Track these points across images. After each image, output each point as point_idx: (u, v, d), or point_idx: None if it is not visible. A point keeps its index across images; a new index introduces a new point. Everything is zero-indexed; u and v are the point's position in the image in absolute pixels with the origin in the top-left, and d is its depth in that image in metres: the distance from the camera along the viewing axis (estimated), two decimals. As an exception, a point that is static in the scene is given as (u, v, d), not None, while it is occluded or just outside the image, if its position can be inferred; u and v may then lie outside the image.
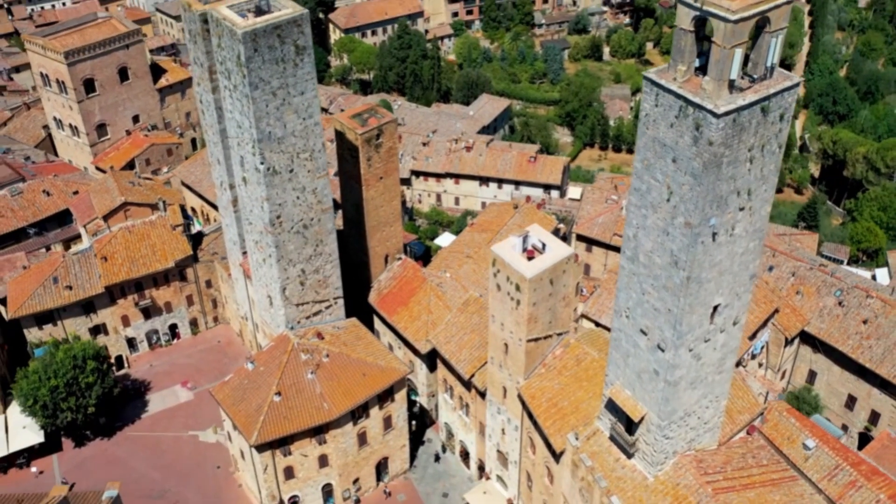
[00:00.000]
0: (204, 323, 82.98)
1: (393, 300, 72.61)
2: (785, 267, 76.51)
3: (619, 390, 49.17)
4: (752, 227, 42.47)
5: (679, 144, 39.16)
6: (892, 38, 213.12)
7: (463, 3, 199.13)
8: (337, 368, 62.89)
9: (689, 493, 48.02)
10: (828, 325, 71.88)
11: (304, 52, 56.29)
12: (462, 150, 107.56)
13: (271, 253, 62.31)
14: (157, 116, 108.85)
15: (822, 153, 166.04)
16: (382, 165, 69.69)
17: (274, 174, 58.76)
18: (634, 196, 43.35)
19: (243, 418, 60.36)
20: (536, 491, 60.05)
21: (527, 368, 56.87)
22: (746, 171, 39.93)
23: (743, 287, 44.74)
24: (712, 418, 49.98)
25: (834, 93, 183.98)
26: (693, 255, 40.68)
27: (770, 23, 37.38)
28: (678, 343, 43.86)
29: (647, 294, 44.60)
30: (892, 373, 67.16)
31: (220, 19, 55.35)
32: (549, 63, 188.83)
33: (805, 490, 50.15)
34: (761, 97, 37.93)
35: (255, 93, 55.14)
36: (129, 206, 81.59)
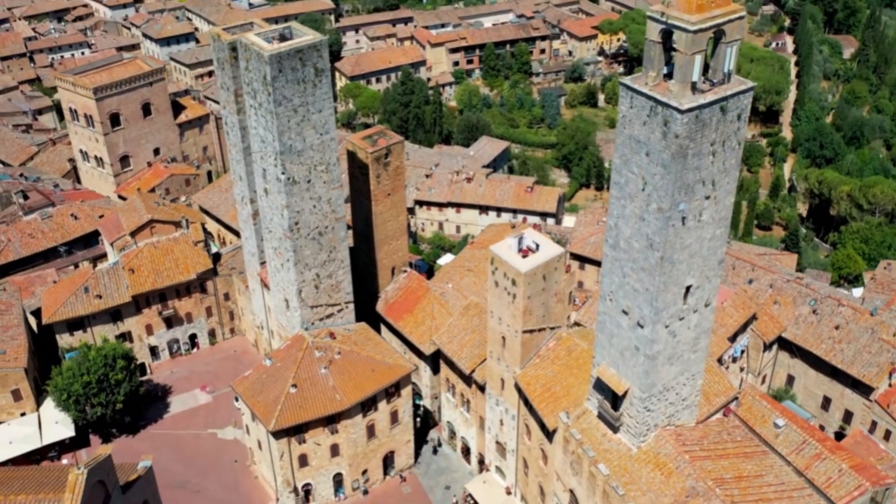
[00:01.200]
0: (221, 334, 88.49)
1: (399, 308, 78.31)
2: (763, 280, 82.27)
3: (604, 369, 54.61)
4: (717, 216, 48.51)
5: (651, 140, 45.45)
6: (876, 87, 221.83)
7: (463, 52, 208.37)
8: (348, 364, 68.32)
9: (668, 461, 53.12)
10: (803, 331, 77.38)
11: (322, 73, 63.12)
12: (463, 182, 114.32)
13: (289, 257, 68.24)
14: (176, 149, 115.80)
15: (809, 193, 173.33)
16: (390, 183, 76.09)
17: (293, 184, 65.06)
18: (615, 189, 49.53)
19: (262, 408, 65.57)
20: (532, 475, 64.92)
21: (523, 359, 62.30)
22: (710, 164, 46.12)
23: (712, 271, 50.59)
24: (689, 395, 55.31)
25: (821, 137, 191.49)
26: (665, 236, 46.63)
27: (725, 34, 44.01)
28: (655, 319, 49.51)
29: (627, 277, 50.43)
30: (862, 372, 72.44)
31: (248, 45, 62.29)
32: (547, 109, 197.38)
33: (775, 462, 55.12)
34: (720, 97, 44.32)
35: (279, 109, 61.76)
36: (154, 223, 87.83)
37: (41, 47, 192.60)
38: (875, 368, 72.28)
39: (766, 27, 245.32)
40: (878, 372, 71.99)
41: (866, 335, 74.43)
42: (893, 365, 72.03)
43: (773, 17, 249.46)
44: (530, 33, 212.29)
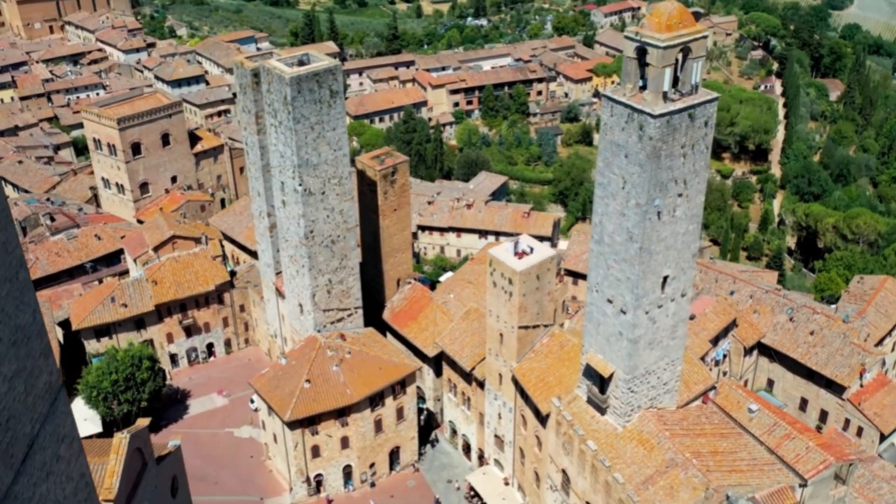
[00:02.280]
0: (236, 343, 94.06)
1: (404, 316, 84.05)
2: (744, 291, 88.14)
3: (592, 355, 60.22)
4: (689, 212, 54.73)
5: (629, 143, 51.86)
6: (862, 128, 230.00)
7: (463, 94, 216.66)
8: (357, 363, 73.87)
9: (650, 438, 58.46)
10: (781, 336, 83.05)
11: (336, 95, 69.90)
12: (463, 208, 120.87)
13: (304, 263, 74.26)
14: (192, 178, 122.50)
15: (797, 226, 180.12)
16: (396, 199, 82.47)
17: (309, 195, 71.38)
18: (599, 189, 55.80)
19: (278, 401, 70.94)
20: (528, 462, 70.02)
21: (519, 353, 67.91)
22: (681, 164, 52.47)
23: (687, 263, 56.61)
24: (670, 380, 60.85)
25: (809, 175, 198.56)
26: (643, 229, 52.76)
27: (692, 51, 50.75)
28: (636, 305, 55.37)
29: (611, 268, 56.41)
30: (835, 373, 77.99)
31: (270, 69, 69.19)
32: (544, 147, 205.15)
33: (749, 441, 60.39)
34: (688, 105, 50.89)
35: (297, 126, 68.37)
36: (176, 239, 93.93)
37: (58, 88, 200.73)
38: (847, 369, 77.85)
39: (755, 71, 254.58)
40: (850, 372, 77.55)
41: (839, 340, 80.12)
42: (863, 366, 77.67)
43: (762, 61, 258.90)
44: (528, 76, 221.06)
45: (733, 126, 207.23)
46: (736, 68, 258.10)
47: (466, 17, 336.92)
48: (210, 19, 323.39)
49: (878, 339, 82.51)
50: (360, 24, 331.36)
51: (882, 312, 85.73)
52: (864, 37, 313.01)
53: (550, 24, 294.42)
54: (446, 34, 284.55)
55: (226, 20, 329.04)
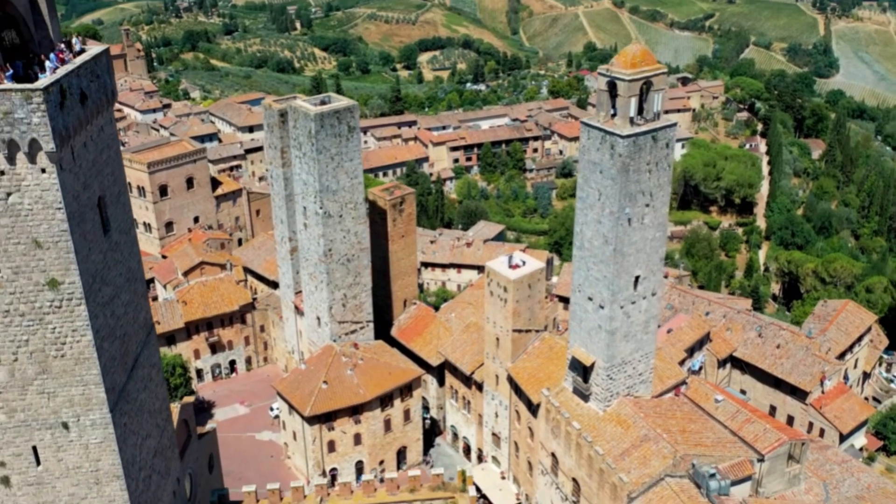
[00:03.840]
0: (256, 361, 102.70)
1: (410, 332, 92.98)
2: (718, 312, 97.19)
3: (576, 348, 69.17)
4: (656, 221, 64.49)
5: (603, 161, 61.93)
6: (843, 184, 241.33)
7: (463, 151, 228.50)
8: (369, 368, 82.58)
9: (627, 419, 67.00)
10: (751, 350, 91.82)
11: (353, 131, 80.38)
12: (463, 246, 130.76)
13: (323, 279, 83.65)
14: (212, 218, 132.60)
15: (780, 272, 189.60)
16: (404, 226, 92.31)
17: (328, 217, 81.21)
18: (579, 202, 65.68)
19: (299, 399, 79.44)
20: (522, 454, 78.15)
21: (513, 354, 76.79)
22: (647, 179, 62.44)
23: (656, 266, 66.10)
24: (644, 371, 69.65)
25: (792, 226, 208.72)
26: (616, 233, 62.41)
27: (653, 84, 61.26)
28: (612, 300, 64.64)
29: (590, 270, 65.85)
30: (799, 380, 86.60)
31: (297, 108, 79.87)
32: (540, 200, 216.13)
33: (714, 425, 68.83)
34: (651, 129, 61.14)
35: (320, 156, 78.61)
36: (204, 265, 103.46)
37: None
38: (809, 377, 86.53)
39: (741, 131, 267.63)
40: (811, 379, 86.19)
41: (802, 352, 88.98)
42: (824, 374, 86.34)
43: (747, 122, 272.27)
44: (524, 134, 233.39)
45: (719, 181, 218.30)
46: (723, 128, 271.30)
47: (465, 82, 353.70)
48: (221, 83, 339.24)
49: (838, 353, 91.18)
50: (363, 88, 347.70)
51: (843, 331, 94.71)
52: (848, 102, 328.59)
53: (546, 89, 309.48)
54: (446, 97, 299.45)
55: (236, 84, 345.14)
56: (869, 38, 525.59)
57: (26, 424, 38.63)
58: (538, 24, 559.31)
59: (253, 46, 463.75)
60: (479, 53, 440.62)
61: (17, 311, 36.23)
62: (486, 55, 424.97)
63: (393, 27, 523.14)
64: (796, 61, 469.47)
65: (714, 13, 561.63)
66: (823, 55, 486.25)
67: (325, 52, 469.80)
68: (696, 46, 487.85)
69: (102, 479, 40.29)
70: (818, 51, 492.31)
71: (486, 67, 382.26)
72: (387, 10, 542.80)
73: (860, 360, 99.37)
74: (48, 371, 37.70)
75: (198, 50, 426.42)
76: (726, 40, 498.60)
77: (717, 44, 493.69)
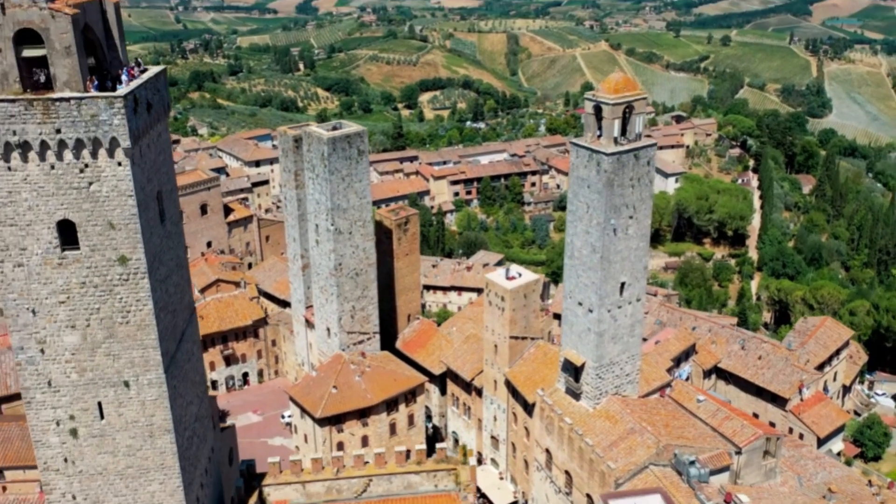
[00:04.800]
0: (268, 374, 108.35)
1: (414, 344, 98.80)
2: (704, 327, 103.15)
3: (568, 350, 75.06)
4: (639, 232, 70.86)
5: (590, 176, 68.51)
6: (833, 217, 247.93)
7: (463, 185, 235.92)
8: (376, 374, 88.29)
9: (615, 415, 72.64)
10: (734, 361, 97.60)
11: (362, 154, 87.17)
12: (463, 270, 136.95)
13: (333, 292, 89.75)
14: (224, 243, 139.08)
15: (771, 300, 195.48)
16: (408, 245, 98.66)
17: (339, 234, 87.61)
18: (569, 215, 72.15)
19: (310, 403, 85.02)
20: (518, 454, 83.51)
21: (510, 360, 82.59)
22: (630, 193, 68.94)
23: (639, 273, 72.29)
24: (631, 372, 75.45)
25: (783, 258, 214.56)
26: (603, 242, 68.75)
27: (634, 108, 68.09)
28: (600, 304, 70.72)
29: (580, 277, 72.06)
30: (778, 388, 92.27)
31: (311, 133, 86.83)
32: (537, 232, 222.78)
33: (696, 422, 74.42)
34: (633, 148, 67.82)
35: (332, 177, 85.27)
36: (220, 282, 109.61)
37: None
38: (788, 385, 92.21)
39: (733, 167, 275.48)
40: (790, 387, 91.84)
41: (782, 362, 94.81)
42: (802, 382, 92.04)
43: (739, 158, 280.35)
44: (522, 169, 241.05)
45: (712, 213, 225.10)
46: (715, 164, 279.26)
47: (465, 121, 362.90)
48: (228, 121, 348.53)
49: (816, 364, 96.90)
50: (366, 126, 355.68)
51: (821, 344, 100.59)
52: (840, 140, 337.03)
53: (544, 126, 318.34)
54: (447, 134, 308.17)
55: (241, 122, 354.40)
56: (861, 79, 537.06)
57: (94, 382, 44.59)
58: (536, 66, 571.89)
59: (257, 86, 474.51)
60: (478, 93, 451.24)
61: (92, 282, 42.45)
62: (486, 95, 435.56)
63: (394, 68, 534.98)
64: (790, 101, 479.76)
65: (709, 55, 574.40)
66: (816, 96, 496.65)
67: (327, 91, 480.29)
68: (692, 87, 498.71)
69: (155, 433, 46.07)
70: (811, 91, 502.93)
71: (486, 106, 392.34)
72: (388, 51, 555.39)
73: (839, 374, 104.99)
74: (114, 336, 43.76)
75: (204, 89, 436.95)
76: (721, 81, 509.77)
77: (712, 84, 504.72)
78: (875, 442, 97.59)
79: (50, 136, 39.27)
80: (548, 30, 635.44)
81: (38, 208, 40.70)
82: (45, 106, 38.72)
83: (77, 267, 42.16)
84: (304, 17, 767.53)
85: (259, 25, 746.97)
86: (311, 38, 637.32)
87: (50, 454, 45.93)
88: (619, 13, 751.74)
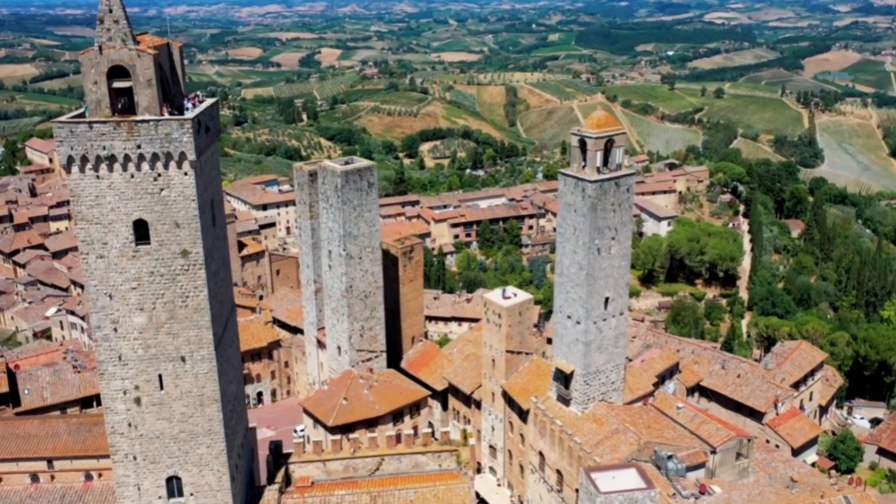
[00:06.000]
0: (280, 394, 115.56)
1: (418, 364, 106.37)
2: (688, 349, 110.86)
3: (559, 360, 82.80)
4: (621, 252, 79.26)
5: (576, 202, 77.15)
6: (821, 260, 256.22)
7: (463, 227, 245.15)
8: (383, 388, 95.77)
9: (601, 417, 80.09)
10: (715, 380, 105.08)
11: (372, 186, 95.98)
12: (463, 302, 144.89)
13: (344, 312, 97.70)
14: (238, 276, 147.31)
15: (760, 337, 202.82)
16: (412, 271, 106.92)
17: (350, 258, 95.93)
18: (559, 237, 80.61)
19: (323, 412, 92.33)
20: (515, 460, 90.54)
21: (507, 373, 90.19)
22: (612, 216, 77.50)
23: (622, 289, 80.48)
24: (616, 380, 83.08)
25: (773, 298, 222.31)
26: (588, 260, 77.07)
27: (614, 142, 77.05)
28: (587, 317, 78.73)
29: (569, 292, 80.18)
30: (755, 403, 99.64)
31: (325, 167, 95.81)
32: (535, 272, 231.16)
33: (676, 426, 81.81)
34: (614, 176, 76.58)
35: (344, 207, 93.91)
36: (236, 307, 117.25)
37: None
38: (764, 400, 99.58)
39: (724, 211, 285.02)
40: (766, 402, 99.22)
41: (759, 380, 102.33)
42: (777, 397, 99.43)
43: (730, 203, 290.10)
44: (520, 212, 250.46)
45: (703, 255, 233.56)
46: (707, 209, 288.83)
47: (465, 168, 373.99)
48: (234, 167, 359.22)
49: (791, 383, 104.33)
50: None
51: (796, 365, 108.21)
52: (830, 188, 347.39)
53: (541, 174, 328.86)
54: (447, 180, 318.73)
55: (248, 169, 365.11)
56: (852, 130, 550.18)
57: (156, 357, 52.51)
58: (534, 117, 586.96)
59: (262, 136, 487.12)
60: (477, 143, 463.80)
61: (159, 272, 50.75)
62: (485, 144, 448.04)
63: (395, 119, 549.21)
64: (783, 152, 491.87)
65: (703, 107, 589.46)
66: (808, 146, 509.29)
67: (330, 141, 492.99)
68: (687, 138, 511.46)
69: (205, 402, 53.72)
70: (803, 142, 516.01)
71: (485, 155, 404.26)
72: (389, 103, 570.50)
73: (815, 394, 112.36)
74: (175, 317, 51.82)
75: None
76: (715, 132, 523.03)
77: (706, 135, 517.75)
78: (848, 456, 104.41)
79: (132, 150, 48.17)
80: (545, 82, 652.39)
81: (119, 210, 49.42)
82: (129, 126, 47.68)
83: (147, 259, 50.58)
84: (308, 71, 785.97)
85: (263, 78, 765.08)
86: (314, 90, 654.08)
87: (117, 419, 53.70)
88: (616, 67, 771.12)
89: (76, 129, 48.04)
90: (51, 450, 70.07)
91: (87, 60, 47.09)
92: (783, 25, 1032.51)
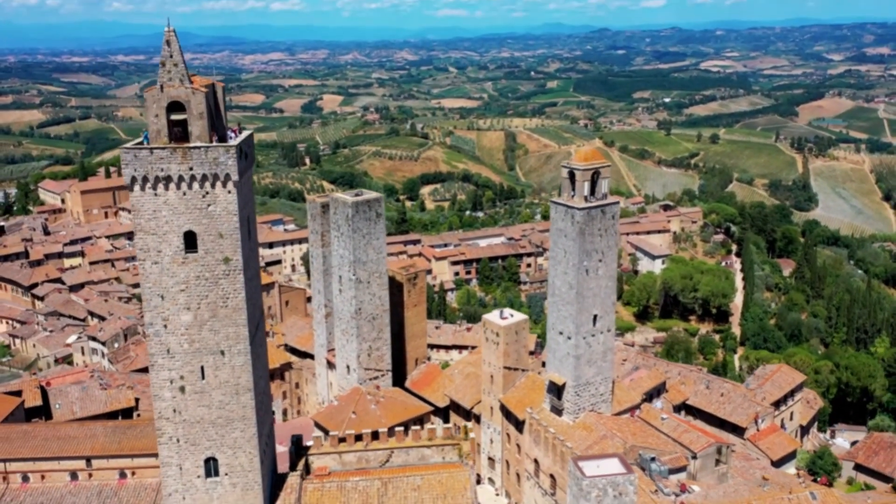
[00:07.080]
0: (291, 413, 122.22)
1: (421, 383, 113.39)
2: (675, 371, 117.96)
3: (552, 374, 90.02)
4: (608, 273, 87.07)
5: (566, 227, 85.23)
6: (812, 298, 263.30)
7: (462, 265, 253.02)
8: (389, 404, 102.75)
9: (591, 425, 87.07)
10: (700, 399, 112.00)
11: (380, 216, 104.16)
12: (464, 330, 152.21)
13: (353, 333, 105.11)
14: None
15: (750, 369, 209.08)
16: (417, 297, 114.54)
17: (359, 283, 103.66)
18: (551, 260, 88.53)
19: (333, 425, 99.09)
20: (512, 469, 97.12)
21: (504, 388, 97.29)
22: (599, 240, 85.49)
23: (609, 307, 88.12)
24: (605, 392, 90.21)
25: (764, 333, 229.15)
26: (578, 280, 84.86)
27: (600, 174, 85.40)
28: (577, 332, 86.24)
29: (560, 310, 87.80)
30: (737, 419, 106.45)
31: (337, 198, 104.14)
32: (533, 308, 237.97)
33: (660, 434, 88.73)
34: (600, 204, 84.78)
35: (354, 235, 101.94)
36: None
37: (119, 257, 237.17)
38: (746, 416, 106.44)
39: (717, 251, 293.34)
40: (747, 418, 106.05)
41: (741, 398, 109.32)
42: (757, 414, 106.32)
43: (723, 243, 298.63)
44: (518, 251, 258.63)
45: (696, 291, 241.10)
46: (700, 248, 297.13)
47: (465, 210, 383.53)
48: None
49: (772, 401, 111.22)
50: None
51: (777, 385, 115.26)
52: (822, 230, 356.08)
53: (539, 214, 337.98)
54: (448, 221, 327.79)
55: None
56: (845, 175, 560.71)
57: (199, 351, 60.09)
58: (533, 161, 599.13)
59: (265, 179, 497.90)
60: (477, 186, 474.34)
61: (204, 276, 58.63)
62: (485, 187, 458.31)
63: (396, 163, 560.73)
64: (777, 195, 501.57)
65: (699, 152, 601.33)
66: (803, 190, 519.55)
67: (332, 184, 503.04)
68: (683, 182, 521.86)
69: (240, 391, 61.16)
70: (798, 186, 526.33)
71: (485, 197, 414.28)
72: (390, 147, 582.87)
73: (796, 414, 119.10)
74: (216, 316, 59.57)
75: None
76: (711, 176, 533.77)
77: (702, 179, 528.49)
78: (826, 471, 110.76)
79: (185, 172, 56.59)
80: (544, 128, 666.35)
81: (172, 222, 57.62)
82: (184, 152, 56.24)
83: (194, 265, 58.57)
84: (310, 116, 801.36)
85: (266, 123, 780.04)
86: (316, 135, 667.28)
87: (164, 406, 61.10)
88: (613, 113, 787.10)
89: (139, 154, 56.57)
90: (89, 450, 76.90)
91: (151, 97, 55.95)
92: (778, 73, 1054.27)
